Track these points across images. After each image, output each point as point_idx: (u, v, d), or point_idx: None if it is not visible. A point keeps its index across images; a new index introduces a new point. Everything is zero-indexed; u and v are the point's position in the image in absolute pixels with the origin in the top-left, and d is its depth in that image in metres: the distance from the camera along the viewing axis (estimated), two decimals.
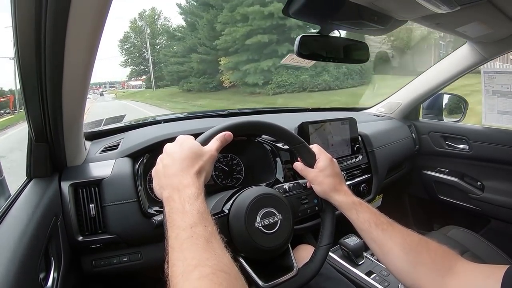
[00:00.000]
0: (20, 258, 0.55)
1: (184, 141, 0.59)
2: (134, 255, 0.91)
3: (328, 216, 0.74)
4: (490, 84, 1.44)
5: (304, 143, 0.73)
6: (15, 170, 0.83)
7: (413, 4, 0.74)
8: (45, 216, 0.71)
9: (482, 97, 1.47)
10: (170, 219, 0.49)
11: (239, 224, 0.60)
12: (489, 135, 1.48)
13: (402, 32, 12.28)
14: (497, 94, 1.42)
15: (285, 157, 1.09)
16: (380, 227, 0.63)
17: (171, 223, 0.48)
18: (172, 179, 0.53)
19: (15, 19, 0.50)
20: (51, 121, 0.71)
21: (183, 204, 0.49)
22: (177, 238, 0.46)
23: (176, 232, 0.46)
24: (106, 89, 46.61)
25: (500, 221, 1.51)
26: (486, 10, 0.92)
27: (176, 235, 0.46)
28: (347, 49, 1.08)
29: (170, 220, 0.49)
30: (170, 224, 0.48)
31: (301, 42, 0.96)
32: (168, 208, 0.51)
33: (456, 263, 0.55)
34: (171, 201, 0.51)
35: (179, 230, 0.46)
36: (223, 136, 0.62)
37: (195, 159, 0.56)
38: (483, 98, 1.47)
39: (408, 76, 3.22)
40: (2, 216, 0.64)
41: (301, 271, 0.67)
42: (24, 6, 0.48)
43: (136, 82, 36.93)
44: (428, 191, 1.76)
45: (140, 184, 0.89)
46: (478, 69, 1.47)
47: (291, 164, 0.83)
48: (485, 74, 1.44)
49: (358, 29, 1.00)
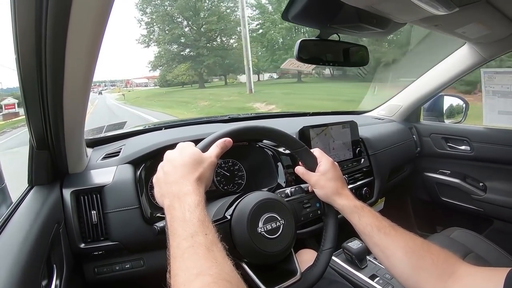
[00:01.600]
0: (22, 265, 0.55)
1: (184, 148, 0.59)
2: (136, 261, 0.90)
3: (331, 220, 0.73)
4: (490, 85, 1.44)
5: (305, 147, 0.73)
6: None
7: (411, 7, 0.74)
8: (47, 224, 0.71)
9: (482, 97, 1.48)
10: (172, 227, 0.49)
11: (241, 229, 0.60)
12: (490, 136, 1.48)
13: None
14: (498, 94, 1.42)
15: (287, 162, 1.09)
16: (382, 231, 0.63)
17: (173, 231, 0.48)
18: (173, 187, 0.54)
19: (15, 25, 0.51)
20: (52, 128, 0.70)
21: (183, 212, 0.49)
22: (178, 247, 0.46)
23: (178, 241, 0.47)
24: (106, 88, 42.37)
25: (503, 221, 1.51)
26: (484, 11, 0.92)
27: (178, 244, 0.46)
28: (347, 53, 1.09)
29: (171, 229, 0.49)
30: (171, 232, 0.48)
31: (301, 46, 0.97)
32: (169, 216, 0.51)
33: (458, 268, 0.55)
34: (172, 209, 0.51)
35: (180, 239, 0.46)
36: (223, 143, 0.62)
37: (195, 166, 0.56)
38: (483, 98, 1.47)
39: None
40: (4, 224, 0.64)
41: (305, 276, 0.66)
42: (24, 13, 0.49)
43: (141, 80, 32.50)
44: (430, 193, 1.76)
45: (141, 191, 0.89)
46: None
47: (293, 168, 0.82)
48: (485, 75, 1.45)
49: (357, 32, 1.00)
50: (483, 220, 1.57)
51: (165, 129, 1.26)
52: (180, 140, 0.64)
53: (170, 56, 23.13)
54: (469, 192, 1.56)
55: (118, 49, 54.59)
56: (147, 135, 1.17)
